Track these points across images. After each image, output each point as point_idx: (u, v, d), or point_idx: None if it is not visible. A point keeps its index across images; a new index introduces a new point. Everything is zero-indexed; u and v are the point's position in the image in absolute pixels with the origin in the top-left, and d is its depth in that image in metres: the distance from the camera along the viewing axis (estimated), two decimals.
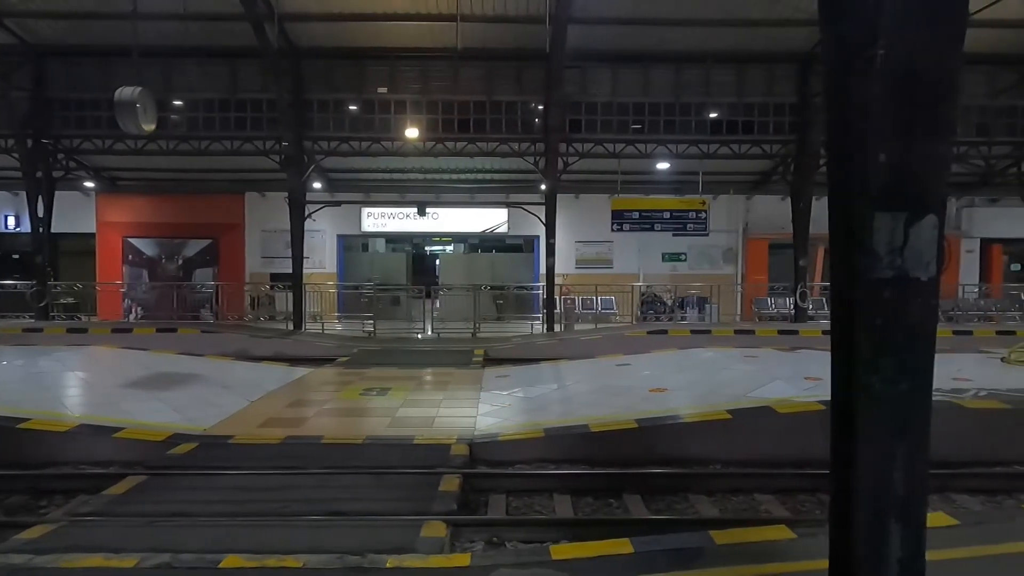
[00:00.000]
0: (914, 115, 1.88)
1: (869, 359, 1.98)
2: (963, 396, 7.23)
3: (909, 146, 1.88)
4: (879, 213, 1.90)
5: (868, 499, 1.99)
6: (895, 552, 1.97)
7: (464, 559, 3.87)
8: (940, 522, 4.00)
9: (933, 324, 2.00)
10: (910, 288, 1.93)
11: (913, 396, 1.99)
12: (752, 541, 3.90)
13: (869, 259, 1.92)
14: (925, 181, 1.90)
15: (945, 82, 1.87)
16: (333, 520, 4.71)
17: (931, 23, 1.84)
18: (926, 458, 2.02)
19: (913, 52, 1.85)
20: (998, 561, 3.48)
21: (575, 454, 6.67)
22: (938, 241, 1.94)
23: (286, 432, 6.98)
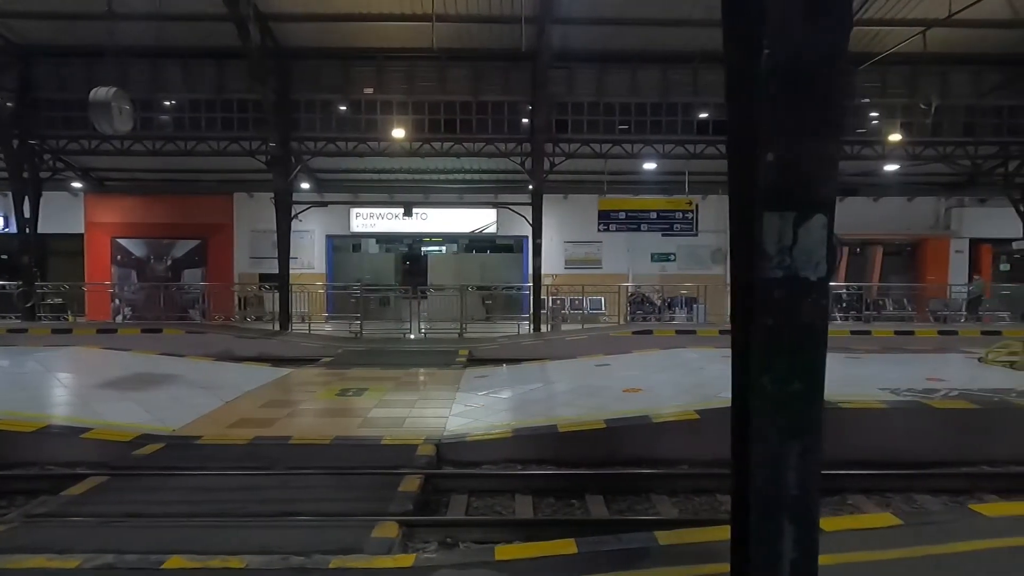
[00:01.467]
0: (801, 114, 1.88)
1: (761, 359, 1.98)
2: (933, 396, 7.23)
3: (796, 145, 1.88)
4: (768, 213, 1.90)
5: (761, 499, 1.99)
6: (788, 552, 1.97)
7: (408, 560, 3.86)
8: (885, 522, 4.00)
9: (824, 324, 2.00)
10: (800, 288, 1.92)
11: (805, 396, 1.99)
12: (696, 542, 3.89)
13: (759, 259, 1.91)
14: (813, 181, 1.90)
15: (831, 82, 1.87)
16: (287, 521, 4.71)
17: (815, 22, 1.84)
18: (819, 458, 2.02)
19: (798, 51, 1.85)
20: (935, 561, 3.48)
21: (543, 454, 6.67)
22: (828, 241, 1.94)
23: (255, 432, 6.98)
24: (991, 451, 6.65)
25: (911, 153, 16.81)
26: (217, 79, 16.13)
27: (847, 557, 3.55)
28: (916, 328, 15.44)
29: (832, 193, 1.94)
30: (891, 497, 5.73)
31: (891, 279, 20.56)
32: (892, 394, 7.38)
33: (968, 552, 3.55)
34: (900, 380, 8.20)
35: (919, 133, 16.01)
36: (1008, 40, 15.33)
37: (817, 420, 2.01)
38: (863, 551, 3.63)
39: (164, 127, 16.30)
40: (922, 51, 13.52)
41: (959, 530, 3.80)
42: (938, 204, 20.69)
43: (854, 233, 20.45)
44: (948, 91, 16.48)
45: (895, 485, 5.87)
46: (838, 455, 6.49)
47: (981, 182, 18.45)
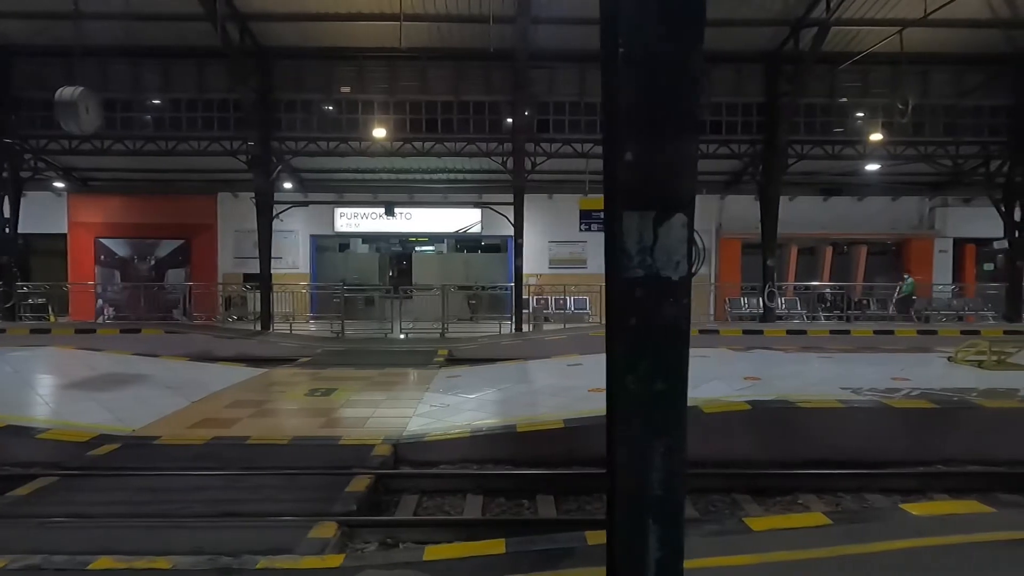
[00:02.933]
0: (657, 113, 1.87)
1: (624, 359, 1.98)
2: (894, 396, 7.25)
3: (654, 144, 1.88)
4: (627, 212, 1.89)
5: (626, 499, 1.99)
6: (654, 552, 1.97)
7: (337, 560, 3.85)
8: (814, 522, 4.00)
9: (686, 324, 2.00)
10: (661, 287, 1.92)
11: (668, 396, 1.98)
12: None
13: (622, 258, 1.91)
14: (672, 180, 1.89)
15: (687, 81, 1.87)
16: (227, 521, 4.69)
17: (668, 21, 1.84)
18: (683, 458, 2.02)
19: (653, 51, 1.84)
20: (858, 560, 3.48)
21: (501, 454, 6.66)
22: (688, 240, 1.94)
23: (215, 433, 6.96)
24: (949, 450, 6.66)
25: (892, 153, 16.84)
26: (198, 79, 16.11)
27: (770, 557, 3.55)
28: (896, 328, 15.47)
29: (691, 192, 1.94)
30: (842, 497, 5.73)
31: (875, 279, 20.61)
32: (853, 393, 7.39)
33: (891, 551, 3.55)
34: (865, 380, 8.22)
35: (900, 133, 16.03)
36: (988, 40, 15.38)
37: (681, 420, 2.01)
38: (788, 550, 3.63)
39: (145, 127, 16.27)
40: (899, 51, 13.53)
41: (886, 529, 3.81)
42: (922, 204, 20.73)
43: (838, 233, 20.53)
44: (929, 91, 16.52)
45: (848, 485, 5.87)
46: (794, 454, 6.53)
47: (964, 182, 18.49)
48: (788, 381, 8.18)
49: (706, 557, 3.58)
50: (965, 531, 3.69)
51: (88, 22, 14.44)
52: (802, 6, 14.32)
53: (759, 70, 16.32)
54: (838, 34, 15.00)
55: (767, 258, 16.42)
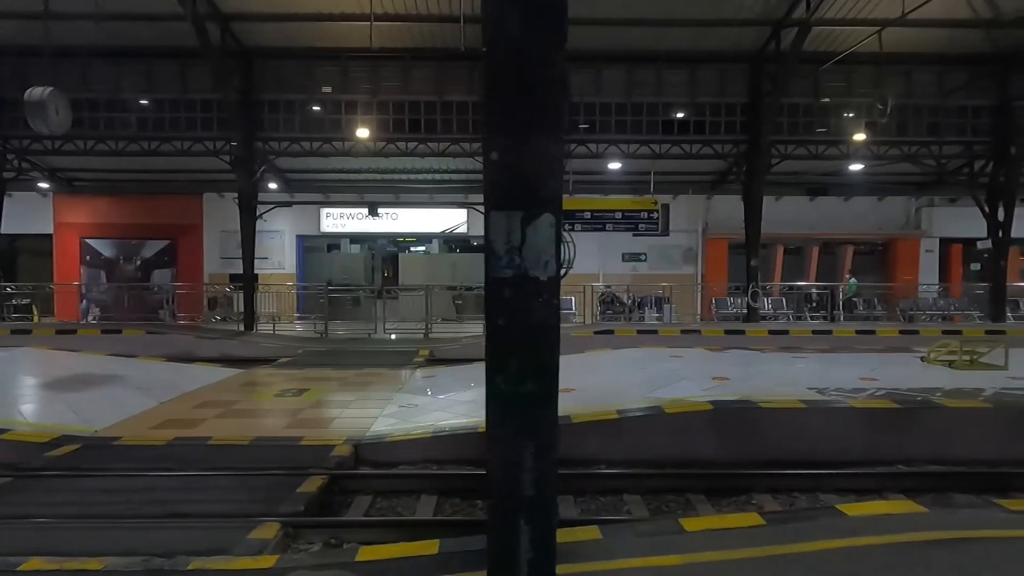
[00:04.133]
0: (522, 114, 1.87)
1: (496, 359, 1.97)
2: (858, 396, 7.24)
3: (520, 145, 1.87)
4: (495, 212, 1.89)
5: (499, 499, 1.98)
6: (525, 552, 1.96)
7: (270, 561, 3.84)
8: (748, 522, 4.00)
9: (555, 324, 1.99)
10: (531, 287, 1.92)
11: (539, 396, 1.98)
12: (561, 541, 3.86)
13: (491, 258, 1.91)
14: (538, 180, 1.89)
15: (550, 82, 1.86)
16: (171, 522, 4.69)
17: (531, 24, 1.83)
18: (554, 458, 2.01)
19: (515, 52, 1.84)
20: (787, 560, 3.48)
21: (462, 455, 6.65)
22: (556, 240, 1.93)
23: (177, 433, 6.95)
24: (910, 450, 6.65)
25: (876, 153, 16.85)
26: (181, 79, 16.10)
27: (698, 557, 3.55)
28: (878, 328, 15.48)
29: (558, 192, 1.94)
30: (797, 496, 5.73)
31: (862, 279, 20.60)
32: (819, 394, 7.39)
33: (820, 551, 3.54)
34: (834, 380, 8.22)
35: (883, 133, 16.04)
36: (970, 40, 15.39)
37: (552, 420, 2.01)
38: (717, 551, 3.62)
39: (128, 127, 16.25)
40: (879, 51, 13.53)
41: (819, 530, 3.80)
42: (908, 204, 20.75)
43: (825, 233, 20.53)
44: (912, 91, 16.53)
45: (803, 484, 5.87)
46: (755, 454, 6.53)
47: (949, 182, 18.49)
48: (756, 381, 8.18)
49: (635, 557, 3.58)
50: (896, 531, 3.68)
51: (71, 22, 14.47)
52: (783, 6, 14.33)
53: (743, 70, 16.34)
54: (820, 34, 15.02)
55: (751, 258, 16.42)
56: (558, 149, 1.91)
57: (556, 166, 1.90)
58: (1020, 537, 3.57)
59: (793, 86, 16.03)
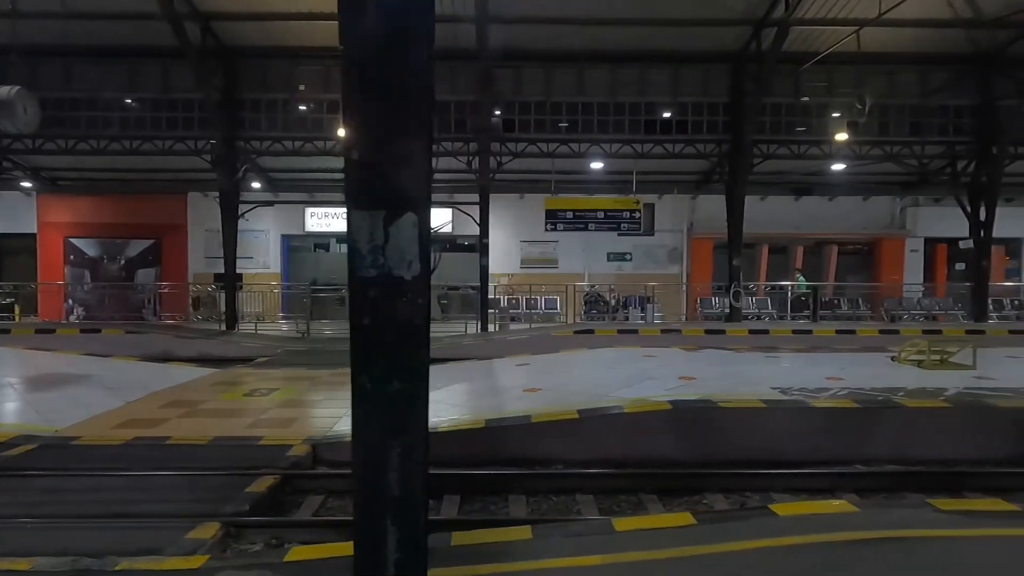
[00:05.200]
0: (381, 113, 1.86)
1: (361, 359, 1.97)
2: (819, 396, 7.24)
3: (381, 144, 1.86)
4: (357, 211, 1.88)
5: (365, 500, 1.98)
6: (392, 554, 1.95)
7: (198, 561, 3.83)
8: (680, 522, 3.99)
9: (422, 323, 1.98)
10: (395, 287, 1.91)
11: (406, 396, 1.97)
12: (487, 542, 3.88)
13: (355, 258, 1.90)
14: (401, 180, 1.88)
15: (411, 80, 1.85)
16: (111, 522, 4.68)
17: (390, 22, 1.82)
18: (422, 459, 2.00)
19: (377, 50, 1.83)
20: (709, 560, 3.47)
21: None
22: (420, 240, 1.92)
23: (137, 433, 6.93)
24: (870, 449, 6.66)
25: (858, 153, 16.87)
26: (162, 78, 16.07)
27: (622, 557, 3.54)
28: (858, 327, 15.50)
29: (421, 191, 1.93)
30: (750, 496, 5.73)
31: (847, 278, 20.65)
32: (782, 393, 7.38)
33: (745, 550, 3.54)
34: (799, 379, 8.23)
35: (865, 132, 16.06)
36: (952, 40, 15.39)
37: (419, 420, 2.00)
38: (644, 551, 3.62)
39: (109, 126, 16.21)
40: (858, 51, 13.53)
41: (748, 529, 3.80)
42: (893, 204, 20.77)
43: (810, 232, 20.55)
44: (895, 91, 16.55)
45: (757, 484, 5.86)
46: (713, 454, 6.53)
47: (932, 181, 18.51)
48: (723, 381, 8.18)
49: (559, 558, 3.58)
50: (824, 531, 3.68)
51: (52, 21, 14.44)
52: (764, 6, 14.33)
53: (725, 70, 16.34)
54: (801, 34, 15.03)
55: (733, 258, 16.42)
56: (421, 149, 1.90)
57: (419, 166, 1.89)
58: (946, 537, 3.57)
59: (775, 86, 16.05)
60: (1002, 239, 20.21)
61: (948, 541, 3.52)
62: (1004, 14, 13.97)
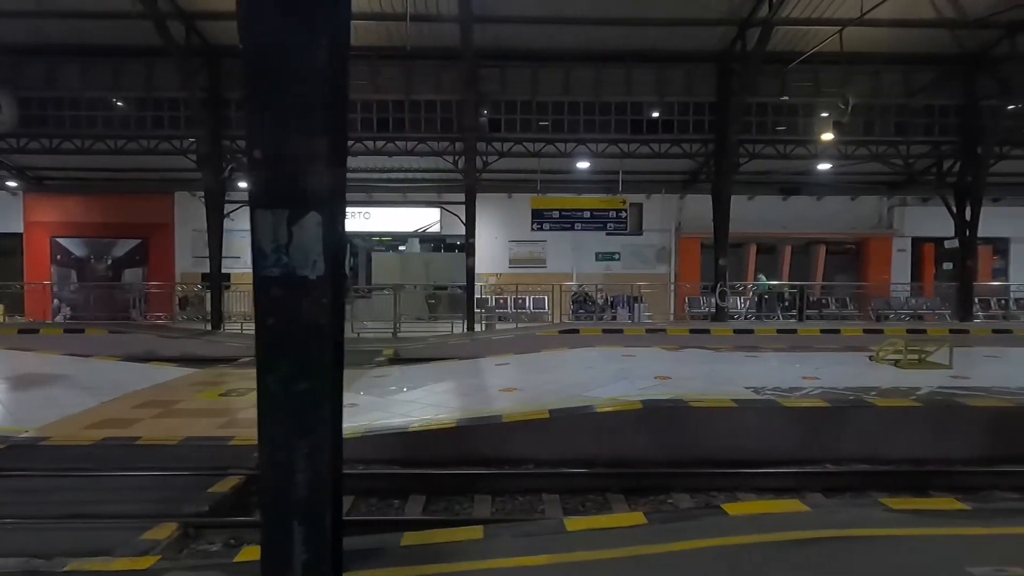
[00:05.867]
0: (283, 112, 1.85)
1: (266, 359, 1.96)
2: (791, 395, 7.25)
3: (283, 143, 1.85)
4: (260, 210, 1.87)
5: (271, 500, 1.97)
6: (300, 554, 1.95)
7: (148, 562, 3.81)
8: (631, 521, 3.99)
9: (327, 323, 1.97)
10: (299, 287, 1.90)
11: (311, 396, 1.96)
12: (441, 542, 3.87)
13: (259, 257, 1.89)
14: (304, 179, 1.87)
15: (316, 81, 1.84)
16: (68, 523, 4.67)
17: (290, 19, 1.81)
18: (329, 459, 1.99)
19: (277, 44, 1.82)
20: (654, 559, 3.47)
21: (391, 455, 6.63)
22: (324, 239, 1.91)
23: (108, 433, 6.90)
24: (840, 449, 6.67)
25: (844, 152, 16.90)
26: (147, 77, 16.01)
27: (568, 557, 3.54)
28: (843, 327, 15.52)
29: (325, 191, 1.92)
30: (715, 496, 5.73)
31: (835, 278, 20.69)
32: (754, 393, 7.39)
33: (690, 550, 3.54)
34: (775, 379, 8.23)
35: (851, 132, 16.08)
36: (936, 40, 15.43)
37: (325, 420, 1.99)
38: (592, 550, 3.62)
39: (94, 125, 16.17)
40: (841, 51, 13.55)
41: (699, 529, 3.80)
42: (881, 203, 20.81)
43: (798, 232, 20.58)
44: (880, 91, 16.58)
45: (723, 484, 5.87)
46: (683, 453, 6.53)
47: (919, 181, 18.55)
48: (697, 380, 8.18)
49: (507, 558, 3.57)
50: (773, 530, 3.68)
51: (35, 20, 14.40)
52: (748, 6, 14.34)
53: (711, 70, 16.35)
54: (787, 34, 15.05)
55: (719, 257, 16.43)
56: (326, 148, 1.89)
57: (322, 165, 1.87)
58: (893, 536, 3.58)
59: (762, 86, 16.08)
60: (989, 239, 20.29)
61: (895, 540, 3.52)
62: (987, 14, 14.01)
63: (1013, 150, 16.86)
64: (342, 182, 1.98)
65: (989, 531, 3.50)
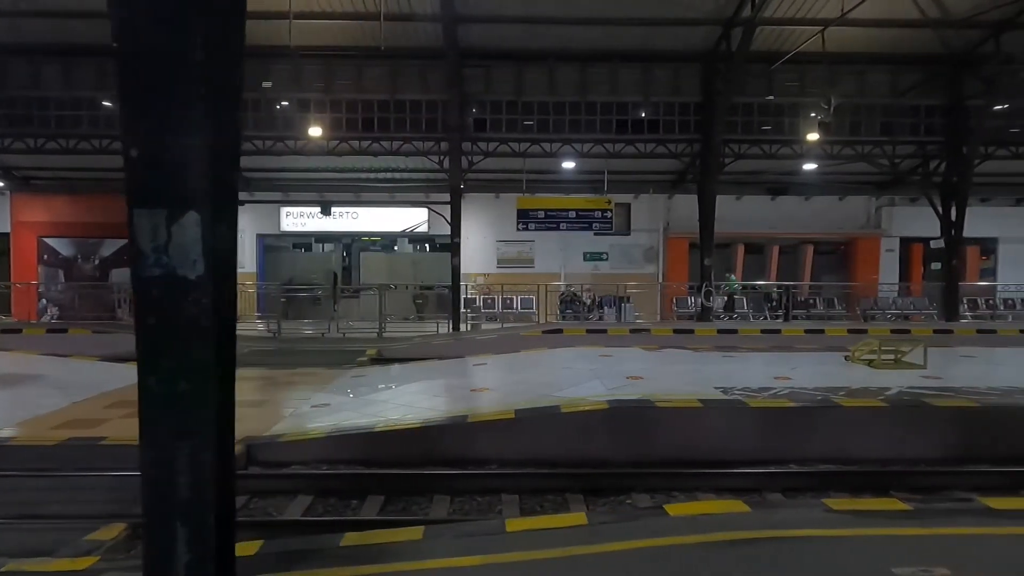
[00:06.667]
0: (158, 113, 1.84)
1: (147, 359, 1.95)
2: (760, 395, 7.24)
3: (159, 144, 1.84)
4: (138, 210, 1.86)
5: (153, 502, 1.96)
6: (183, 556, 1.94)
7: (86, 563, 3.79)
8: (571, 522, 3.99)
9: (209, 322, 1.96)
10: (180, 287, 1.89)
11: (193, 397, 1.95)
12: (380, 543, 3.86)
13: (138, 257, 1.88)
14: (182, 178, 1.86)
15: (187, 74, 1.83)
16: (16, 523, 4.68)
17: (163, 14, 1.80)
18: (213, 459, 1.98)
19: (149, 52, 1.81)
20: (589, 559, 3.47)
21: (356, 455, 6.62)
22: (204, 239, 1.90)
23: (74, 433, 6.87)
24: (806, 449, 6.66)
25: (830, 152, 16.90)
26: None
27: (500, 558, 3.53)
28: (828, 327, 15.51)
29: (204, 190, 1.91)
30: (676, 496, 5.72)
31: (823, 278, 20.69)
32: (723, 393, 7.38)
33: (628, 550, 3.53)
34: (747, 379, 8.23)
35: (837, 132, 16.09)
36: (922, 40, 15.43)
37: (208, 421, 1.98)
38: (528, 551, 3.61)
39: (79, 125, 16.15)
40: (824, 51, 13.56)
41: (638, 529, 3.79)
42: (869, 203, 20.81)
43: (786, 232, 20.58)
44: (866, 90, 16.58)
45: (684, 484, 5.86)
46: (647, 454, 6.52)
47: (906, 181, 18.55)
48: (669, 380, 8.18)
49: (441, 558, 3.56)
50: (711, 531, 3.67)
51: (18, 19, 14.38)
52: (731, 6, 14.33)
53: (696, 69, 16.34)
54: (772, 33, 15.06)
55: (704, 257, 16.43)
56: (202, 147, 1.88)
57: (200, 164, 1.86)
58: (829, 536, 3.57)
59: (749, 86, 16.08)
60: (977, 239, 20.31)
61: (829, 540, 3.51)
62: (972, 14, 14.01)
63: (998, 150, 16.87)
64: (228, 181, 1.97)
65: (924, 532, 3.49)
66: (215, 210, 1.91)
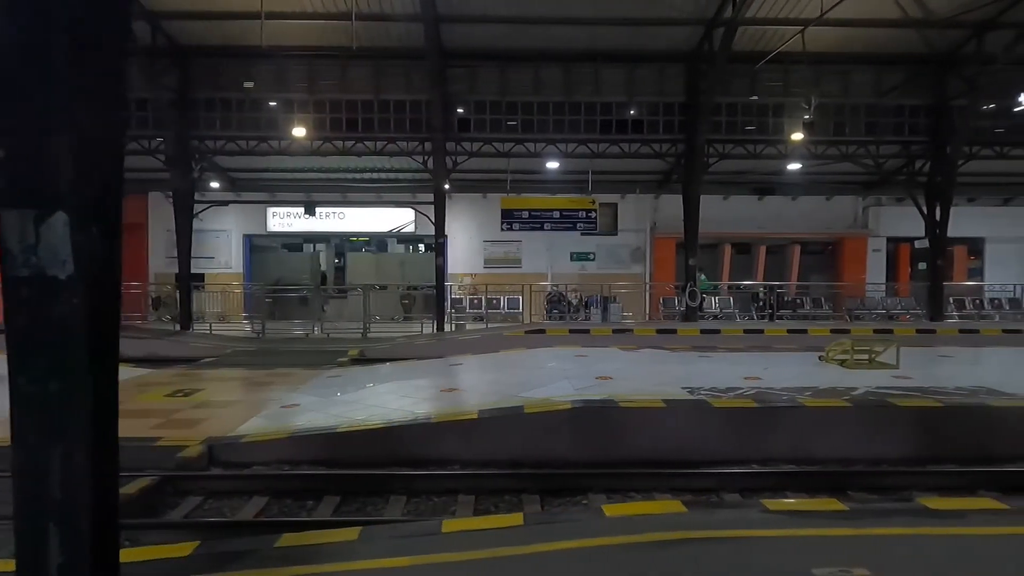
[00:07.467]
0: (23, 112, 1.83)
1: (18, 360, 1.94)
2: (725, 396, 7.24)
3: (25, 143, 1.84)
4: (6, 210, 1.86)
5: (25, 504, 1.95)
6: (55, 558, 1.93)
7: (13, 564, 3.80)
8: (507, 523, 3.98)
9: (79, 323, 1.96)
10: (49, 287, 1.89)
11: (64, 397, 1.95)
12: (316, 543, 3.86)
13: (7, 258, 1.88)
14: (50, 177, 1.86)
15: (53, 81, 1.82)
16: None
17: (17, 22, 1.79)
18: (88, 461, 1.98)
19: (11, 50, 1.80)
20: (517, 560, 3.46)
21: (320, 455, 6.62)
22: (73, 238, 1.90)
23: None
24: (769, 449, 6.67)
25: (814, 152, 16.91)
26: None
27: (428, 559, 3.53)
28: (811, 327, 15.53)
29: (73, 190, 1.90)
30: (633, 496, 5.72)
31: (811, 278, 20.70)
32: (689, 393, 7.38)
33: (559, 551, 3.53)
34: (716, 379, 8.23)
35: (822, 132, 16.10)
36: (906, 40, 15.45)
37: (80, 422, 1.98)
38: (459, 552, 3.61)
39: None
40: (805, 51, 13.57)
41: (574, 530, 3.79)
42: (856, 203, 20.84)
43: (773, 232, 20.60)
44: (850, 90, 16.59)
45: (641, 485, 5.85)
46: (610, 454, 6.53)
47: (891, 181, 18.57)
48: (638, 380, 8.18)
49: (372, 559, 3.56)
50: (646, 531, 3.67)
51: None
52: (713, 6, 14.34)
53: (680, 70, 16.35)
54: (756, 34, 15.07)
55: (689, 257, 16.44)
56: (70, 146, 1.87)
57: (66, 163, 1.86)
58: (761, 537, 3.57)
59: (733, 86, 16.10)
60: (964, 239, 20.34)
61: (760, 541, 3.51)
62: (954, 14, 14.02)
63: (983, 150, 16.89)
64: (103, 182, 1.96)
65: (853, 532, 3.49)
66: (86, 210, 1.90)
